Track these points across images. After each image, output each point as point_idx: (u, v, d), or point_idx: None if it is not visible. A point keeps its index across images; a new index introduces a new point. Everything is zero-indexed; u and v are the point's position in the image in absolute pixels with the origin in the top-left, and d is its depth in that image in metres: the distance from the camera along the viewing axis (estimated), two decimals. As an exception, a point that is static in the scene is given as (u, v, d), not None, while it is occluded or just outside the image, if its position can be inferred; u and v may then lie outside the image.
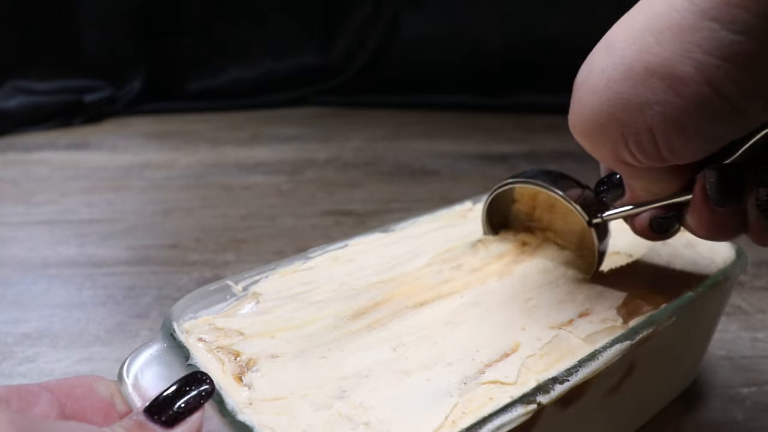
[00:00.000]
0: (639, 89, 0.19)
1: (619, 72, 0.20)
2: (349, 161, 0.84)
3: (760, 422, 0.34)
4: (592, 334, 0.26)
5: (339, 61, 1.17)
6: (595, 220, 0.27)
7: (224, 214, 0.65)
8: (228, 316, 0.27)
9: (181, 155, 0.87)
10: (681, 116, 0.19)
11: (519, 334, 0.26)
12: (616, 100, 0.20)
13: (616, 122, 0.21)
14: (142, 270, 0.53)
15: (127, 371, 0.23)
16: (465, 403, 0.22)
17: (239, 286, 0.28)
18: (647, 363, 0.28)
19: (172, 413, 0.19)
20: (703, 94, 0.18)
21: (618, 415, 0.30)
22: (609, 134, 0.21)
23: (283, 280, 0.29)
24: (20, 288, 0.50)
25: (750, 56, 0.17)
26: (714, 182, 0.22)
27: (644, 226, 0.27)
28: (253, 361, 0.24)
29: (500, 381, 0.23)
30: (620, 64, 0.20)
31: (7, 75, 1.05)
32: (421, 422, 0.21)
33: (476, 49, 1.13)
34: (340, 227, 0.62)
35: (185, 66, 1.15)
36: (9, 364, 0.40)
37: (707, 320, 0.34)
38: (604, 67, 0.21)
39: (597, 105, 0.21)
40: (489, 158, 0.85)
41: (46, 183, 0.76)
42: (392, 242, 0.33)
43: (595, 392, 0.25)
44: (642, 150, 0.21)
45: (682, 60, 0.18)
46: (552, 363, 0.24)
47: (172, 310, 0.26)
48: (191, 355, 0.24)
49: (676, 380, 0.36)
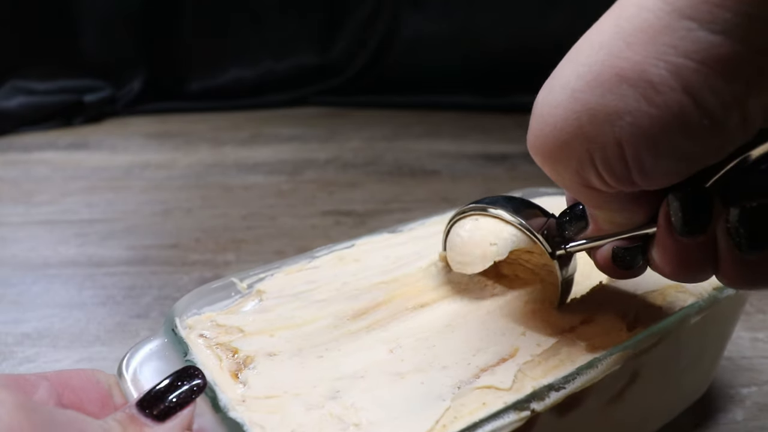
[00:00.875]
0: (608, 98, 0.17)
1: (586, 81, 0.18)
2: (349, 161, 0.84)
3: (760, 422, 0.34)
4: (594, 342, 0.25)
5: (339, 61, 1.17)
6: (558, 251, 0.26)
7: (224, 214, 0.65)
8: (230, 313, 0.27)
9: (181, 155, 0.87)
10: (654, 128, 0.17)
11: (518, 340, 0.25)
12: (582, 111, 0.18)
13: (581, 137, 0.18)
14: (142, 270, 0.53)
15: (127, 365, 0.23)
16: (457, 407, 0.21)
17: (244, 284, 0.29)
18: (652, 372, 0.28)
19: (164, 407, 0.19)
20: (679, 102, 0.16)
21: (620, 426, 0.29)
22: (573, 152, 0.19)
23: (288, 279, 0.29)
24: (20, 288, 0.50)
25: (730, 60, 0.16)
26: (678, 207, 0.20)
27: (606, 259, 0.24)
28: (250, 359, 0.24)
29: (495, 386, 0.22)
30: (587, 72, 0.18)
31: (7, 75, 1.05)
32: (411, 425, 0.20)
33: (476, 49, 1.13)
34: (340, 227, 0.62)
35: (185, 66, 1.15)
36: (9, 364, 0.40)
37: (719, 330, 0.33)
38: (569, 78, 0.18)
39: (560, 119, 0.19)
40: (489, 158, 0.85)
41: (46, 183, 0.76)
42: (399, 243, 0.33)
43: (596, 401, 0.25)
44: (610, 170, 0.19)
45: (656, 63, 0.16)
46: (550, 369, 0.23)
47: (176, 306, 0.26)
48: (190, 350, 0.24)
49: (686, 391, 0.35)
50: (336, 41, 1.18)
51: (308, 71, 1.17)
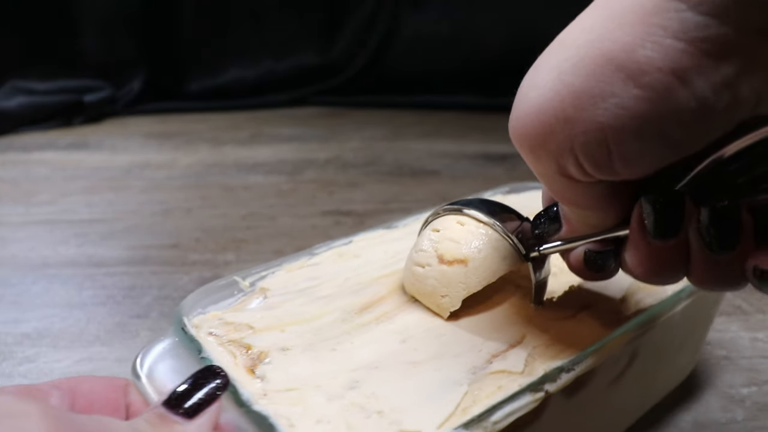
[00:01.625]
0: (593, 80, 0.17)
1: (572, 64, 0.17)
2: (349, 161, 0.84)
3: (760, 422, 0.34)
4: (596, 326, 0.26)
5: (339, 61, 1.18)
6: (532, 254, 0.26)
7: (224, 214, 0.65)
8: (236, 310, 0.27)
9: (181, 155, 0.87)
10: (639, 111, 0.16)
11: (524, 326, 0.26)
12: (565, 93, 0.17)
13: (563, 121, 0.18)
14: (142, 270, 0.53)
15: (141, 366, 0.23)
16: (474, 391, 0.22)
17: (246, 282, 0.29)
18: (648, 353, 0.29)
19: (192, 404, 0.20)
20: (666, 83, 0.16)
21: (620, 405, 0.30)
22: (554, 137, 0.18)
23: (289, 276, 0.30)
24: (20, 288, 0.50)
25: (718, 40, 0.15)
26: (651, 210, 0.20)
27: (579, 261, 0.24)
28: (264, 354, 0.24)
29: (508, 371, 0.23)
30: (574, 55, 0.17)
31: (7, 75, 1.05)
32: (433, 410, 0.21)
33: (476, 49, 1.13)
34: (340, 227, 0.62)
35: (185, 66, 1.15)
36: (9, 364, 0.40)
37: (705, 312, 0.35)
38: (555, 62, 0.18)
39: (544, 102, 0.18)
40: (489, 158, 0.85)
41: (46, 183, 0.76)
42: (396, 238, 0.34)
43: (600, 381, 0.26)
44: (590, 156, 0.18)
45: (644, 44, 0.16)
46: (558, 353, 0.24)
47: (182, 306, 0.27)
48: (203, 348, 0.24)
49: (676, 371, 0.36)
50: (336, 41, 1.18)
51: (308, 71, 1.17)
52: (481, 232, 0.27)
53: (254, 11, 1.14)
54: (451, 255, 0.26)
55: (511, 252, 0.27)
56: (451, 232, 0.27)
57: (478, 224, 0.27)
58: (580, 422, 0.27)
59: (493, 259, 0.26)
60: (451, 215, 0.28)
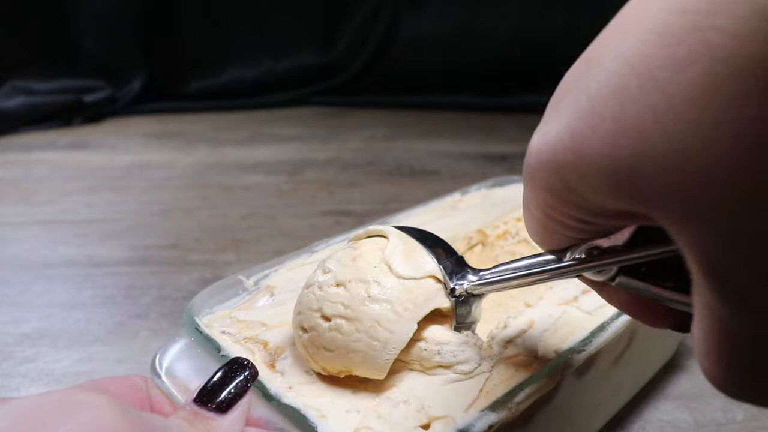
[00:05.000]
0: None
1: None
2: (349, 161, 0.84)
3: (760, 422, 0.34)
4: (597, 309, 0.27)
5: (339, 61, 1.18)
6: (458, 290, 0.23)
7: (224, 214, 0.65)
8: (245, 309, 0.28)
9: (181, 155, 0.87)
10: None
11: (529, 311, 0.27)
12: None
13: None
14: (142, 270, 0.53)
15: (160, 366, 0.24)
16: (494, 376, 0.23)
17: (251, 281, 0.29)
18: (644, 334, 0.31)
19: (224, 399, 0.20)
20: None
21: (620, 382, 0.32)
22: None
23: (292, 274, 0.30)
24: (20, 288, 0.50)
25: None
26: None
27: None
28: (281, 349, 0.25)
29: (523, 354, 0.24)
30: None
31: (7, 75, 1.05)
32: (457, 395, 0.22)
33: (476, 49, 1.13)
34: (340, 227, 0.62)
35: (185, 66, 1.15)
36: (9, 364, 0.40)
37: None
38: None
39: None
40: (489, 158, 0.85)
41: (46, 183, 0.76)
42: None
43: (604, 361, 0.27)
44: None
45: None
46: (566, 336, 0.25)
47: (191, 306, 0.27)
48: (221, 347, 0.24)
49: (665, 349, 0.38)
50: (336, 41, 1.18)
51: (308, 71, 1.17)
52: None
53: (254, 11, 1.14)
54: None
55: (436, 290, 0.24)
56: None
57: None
58: (588, 399, 0.29)
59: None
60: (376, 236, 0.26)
